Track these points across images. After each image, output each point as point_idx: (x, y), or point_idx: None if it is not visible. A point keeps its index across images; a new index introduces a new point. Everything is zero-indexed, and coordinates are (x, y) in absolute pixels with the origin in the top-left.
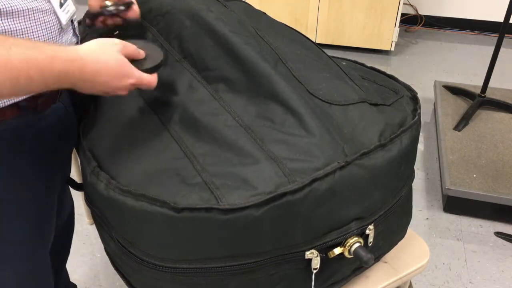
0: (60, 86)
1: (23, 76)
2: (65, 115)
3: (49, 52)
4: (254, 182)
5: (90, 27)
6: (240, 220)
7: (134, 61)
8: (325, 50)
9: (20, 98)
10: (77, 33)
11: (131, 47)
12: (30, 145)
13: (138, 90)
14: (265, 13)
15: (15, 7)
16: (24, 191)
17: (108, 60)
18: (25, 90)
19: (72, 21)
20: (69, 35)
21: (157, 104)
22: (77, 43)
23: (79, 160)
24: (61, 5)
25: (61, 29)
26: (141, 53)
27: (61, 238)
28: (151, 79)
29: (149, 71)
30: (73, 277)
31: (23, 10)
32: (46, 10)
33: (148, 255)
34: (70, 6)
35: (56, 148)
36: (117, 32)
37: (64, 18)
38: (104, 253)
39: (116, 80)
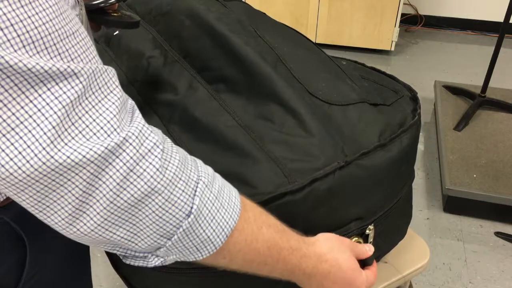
0: (283, 277)
1: (257, 261)
2: None
3: (293, 243)
4: (254, 182)
5: None
6: None
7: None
8: (325, 50)
9: None
10: None
11: (361, 247)
12: None
13: (137, 90)
14: (265, 14)
15: None
16: None
17: (341, 262)
18: (250, 271)
19: None
20: None
21: (156, 104)
22: None
23: None
24: None
25: None
26: (369, 252)
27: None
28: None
29: (126, 25)
30: None
31: None
32: None
33: None
34: None
35: None
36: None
37: None
38: (104, 253)
39: (345, 286)
